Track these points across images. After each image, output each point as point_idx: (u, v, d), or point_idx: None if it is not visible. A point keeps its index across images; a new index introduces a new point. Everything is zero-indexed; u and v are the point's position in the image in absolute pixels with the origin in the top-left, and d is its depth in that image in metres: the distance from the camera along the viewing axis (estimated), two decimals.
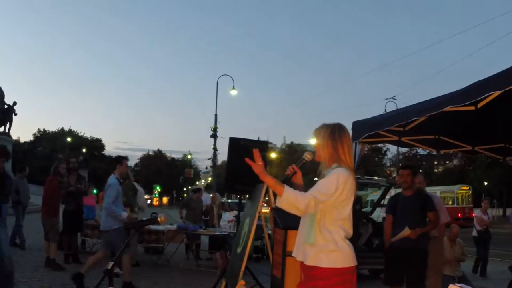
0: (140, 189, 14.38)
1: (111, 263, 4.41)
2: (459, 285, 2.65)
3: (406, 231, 7.26)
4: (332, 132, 4.02)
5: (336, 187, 3.78)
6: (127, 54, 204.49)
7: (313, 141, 4.14)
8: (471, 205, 48.33)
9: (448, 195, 48.81)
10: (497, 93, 4.86)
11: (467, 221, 46.64)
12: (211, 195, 17.11)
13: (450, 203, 47.26)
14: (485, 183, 63.52)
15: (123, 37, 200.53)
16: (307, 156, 4.09)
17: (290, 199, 3.68)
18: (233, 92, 39.93)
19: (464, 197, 48.88)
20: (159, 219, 4.90)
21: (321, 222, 3.80)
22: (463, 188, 49.79)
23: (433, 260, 8.60)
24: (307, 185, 4.13)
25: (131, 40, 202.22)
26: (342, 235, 3.82)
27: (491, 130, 8.03)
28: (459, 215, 45.16)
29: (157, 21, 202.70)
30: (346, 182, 3.83)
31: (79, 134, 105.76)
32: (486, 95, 4.98)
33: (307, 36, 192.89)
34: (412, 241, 7.24)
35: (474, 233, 14.80)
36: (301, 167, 4.07)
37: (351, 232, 3.87)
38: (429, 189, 47.74)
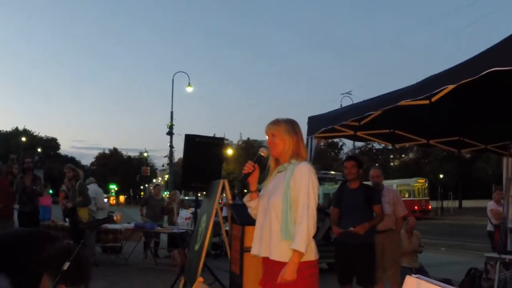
0: (98, 189, 14.27)
1: (67, 264, 4.37)
2: (416, 276, 2.66)
3: (352, 228, 7.24)
4: (294, 127, 4.04)
5: (312, 185, 3.84)
6: (81, 51, 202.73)
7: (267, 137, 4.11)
8: (427, 198, 49.01)
9: (404, 188, 49.56)
10: (451, 87, 4.91)
11: (423, 213, 47.35)
12: (170, 192, 17.04)
13: (407, 196, 47.96)
14: (441, 176, 64.29)
15: (77, 34, 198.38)
16: (264, 152, 4.07)
17: (306, 241, 3.72)
18: (189, 89, 39.84)
19: (420, 190, 49.62)
20: (114, 218, 4.88)
21: (294, 217, 3.81)
22: (419, 181, 50.54)
23: (391, 252, 8.66)
24: (262, 181, 4.13)
25: (86, 37, 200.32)
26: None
27: (446, 123, 8.13)
28: (416, 207, 45.91)
29: (112, 17, 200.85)
30: (315, 177, 3.88)
31: (34, 134, 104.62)
32: (440, 89, 5.02)
33: (263, 32, 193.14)
34: (358, 237, 7.16)
35: (490, 227, 12.90)
36: (258, 164, 4.06)
37: (315, 226, 3.87)
38: (386, 183, 48.28)
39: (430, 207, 51.26)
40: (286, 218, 3.79)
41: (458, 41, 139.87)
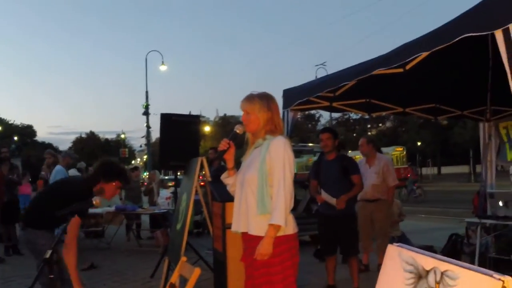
0: (77, 174, 14.20)
1: (49, 252, 4.34)
2: (398, 244, 2.67)
3: (333, 200, 7.26)
4: (268, 102, 4.03)
5: (288, 159, 3.86)
6: (56, 31, 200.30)
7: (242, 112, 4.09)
8: (406, 166, 49.27)
9: None
10: (424, 54, 4.91)
11: (402, 181, 47.60)
12: (149, 173, 17.02)
13: None
14: (419, 143, 64.73)
15: (41, 18, 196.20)
16: (239, 129, 4.06)
17: (284, 214, 3.74)
18: (163, 68, 39.74)
19: (398, 158, 49.78)
20: (94, 202, 4.84)
21: (269, 192, 3.81)
22: (397, 149, 50.60)
23: (380, 222, 8.73)
24: (239, 157, 4.12)
25: (60, 15, 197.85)
26: None
27: (421, 91, 8.15)
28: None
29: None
30: (290, 151, 3.89)
31: (9, 122, 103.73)
32: (414, 56, 5.02)
33: (236, 6, 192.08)
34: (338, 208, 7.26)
35: None
36: (233, 141, 4.04)
37: (292, 199, 3.87)
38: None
39: (409, 175, 51.58)
40: (262, 192, 3.80)
41: (433, 7, 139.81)
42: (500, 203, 8.15)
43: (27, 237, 5.43)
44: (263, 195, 3.79)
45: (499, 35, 3.92)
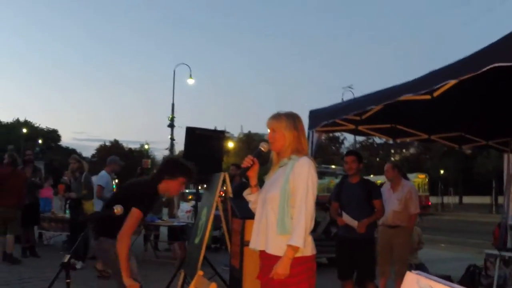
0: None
1: (67, 256, 4.36)
2: (416, 272, 2.66)
3: (354, 223, 7.25)
4: (294, 122, 4.03)
5: (311, 180, 3.85)
6: (85, 40, 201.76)
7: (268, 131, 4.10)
8: (427, 193, 48.98)
9: None
10: (452, 82, 4.91)
11: (423, 209, 47.35)
12: None
13: None
14: (441, 171, 64.37)
15: (82, 22, 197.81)
16: (264, 147, 4.07)
17: (303, 235, 3.73)
18: (190, 81, 39.90)
19: (420, 185, 49.57)
20: (115, 211, 4.86)
21: (290, 212, 3.81)
22: (419, 176, 50.43)
23: (399, 249, 8.64)
24: (263, 174, 4.13)
25: (89, 26, 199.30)
26: None
27: (447, 119, 8.12)
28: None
29: (120, 6, 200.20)
30: (314, 172, 3.89)
31: (35, 125, 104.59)
32: (442, 84, 5.02)
33: (263, 24, 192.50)
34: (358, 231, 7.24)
35: None
36: (258, 158, 4.05)
37: (313, 220, 3.88)
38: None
39: (430, 203, 51.22)
40: (283, 212, 3.79)
41: (462, 36, 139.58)
42: None
43: (100, 246, 5.43)
44: (284, 215, 3.78)
45: None
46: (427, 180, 50.67)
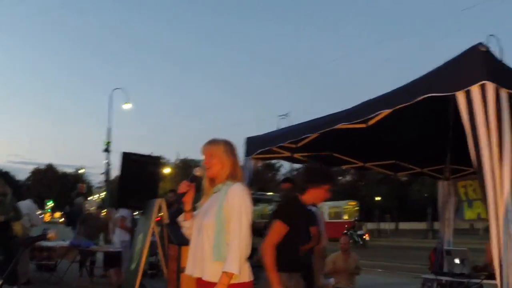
0: (33, 205, 14.02)
1: (0, 282, 4.30)
2: None
3: None
4: (232, 148, 4.07)
5: (245, 206, 3.87)
6: (16, 64, 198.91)
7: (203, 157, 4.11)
8: (358, 220, 50.13)
9: (336, 210, 51.09)
10: (386, 111, 5.00)
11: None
12: (105, 210, 16.87)
13: (338, 218, 49.56)
14: (377, 198, 65.23)
15: (7, 44, 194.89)
16: (198, 171, 4.07)
17: (238, 262, 3.73)
18: (126, 106, 39.59)
19: (351, 212, 50.77)
20: (49, 236, 4.80)
21: (226, 239, 3.82)
22: (350, 203, 52.17)
23: None
24: (197, 200, 4.13)
25: (17, 48, 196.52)
26: None
27: (382, 147, 8.24)
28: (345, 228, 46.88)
29: (51, 27, 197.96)
30: (249, 198, 3.91)
31: None
32: (377, 113, 5.11)
33: (202, 48, 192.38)
34: None
35: None
36: (193, 183, 4.05)
37: (249, 247, 3.89)
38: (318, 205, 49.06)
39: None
40: (219, 239, 3.79)
41: (396, 67, 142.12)
42: (457, 261, 8.24)
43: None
44: (220, 242, 3.79)
45: (461, 96, 4.04)
46: (357, 207, 51.87)
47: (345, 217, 50.51)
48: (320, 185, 5.39)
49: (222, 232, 3.80)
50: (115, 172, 49.51)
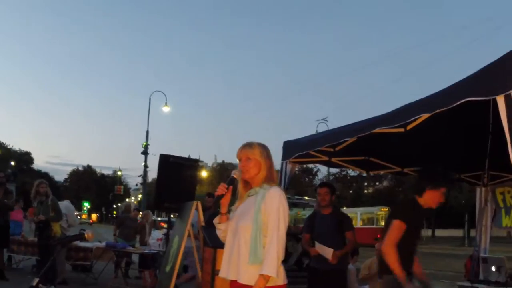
0: (70, 206, 14.17)
1: (36, 280, 4.32)
2: None
3: (329, 253, 7.22)
4: (267, 151, 4.07)
5: (283, 210, 3.86)
6: (63, 62, 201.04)
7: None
8: None
9: (368, 216, 51.13)
10: (425, 115, 4.94)
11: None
12: (142, 212, 16.96)
13: (370, 223, 50.91)
14: None
15: (51, 50, 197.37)
16: (236, 174, 4.06)
17: (275, 265, 3.73)
18: (165, 109, 39.87)
19: (383, 218, 50.66)
20: (86, 236, 4.83)
21: (263, 242, 3.80)
22: (382, 209, 52.27)
23: None
24: (232, 204, 4.11)
25: (60, 54, 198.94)
26: None
27: (420, 152, 8.16)
28: (379, 235, 46.49)
29: (90, 35, 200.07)
30: (286, 202, 3.89)
31: (8, 147, 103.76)
32: (415, 117, 5.05)
33: (241, 55, 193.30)
34: (330, 262, 7.18)
35: None
36: (231, 186, 4.05)
37: (284, 250, 3.87)
38: (353, 210, 49.00)
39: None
40: (255, 242, 3.78)
41: (437, 69, 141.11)
42: (493, 268, 8.13)
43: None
44: (257, 245, 3.77)
45: (500, 100, 3.96)
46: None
47: (378, 223, 50.38)
48: (438, 188, 5.33)
49: (259, 235, 3.78)
50: (153, 174, 49.84)
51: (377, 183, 79.82)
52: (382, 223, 49.77)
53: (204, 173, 76.49)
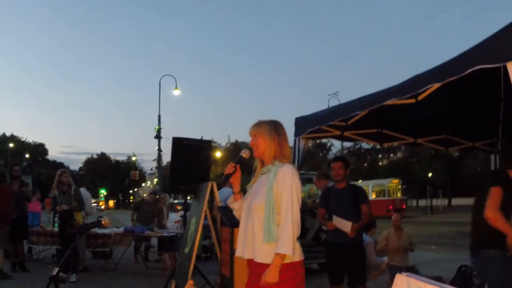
0: (87, 193, 14.23)
1: (56, 269, 4.35)
2: (406, 274, 2.67)
3: (347, 227, 7.22)
4: (276, 128, 4.05)
5: (295, 187, 3.86)
6: (68, 54, 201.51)
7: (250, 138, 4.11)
8: (402, 197, 50.15)
9: (379, 188, 51.20)
10: (437, 85, 4.92)
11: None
12: (159, 196, 16.99)
13: (382, 195, 50.71)
14: (430, 175, 64.60)
15: (65, 37, 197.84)
16: (245, 153, 4.08)
17: (291, 243, 3.73)
18: (176, 92, 39.85)
19: (394, 190, 50.68)
20: (103, 222, 4.87)
21: (276, 220, 3.82)
22: (393, 181, 52.52)
23: None
24: (246, 182, 4.12)
25: (74, 40, 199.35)
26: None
27: (433, 122, 8.14)
28: (390, 207, 46.62)
29: (102, 20, 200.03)
30: (298, 179, 3.89)
31: (22, 139, 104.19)
32: (426, 87, 5.04)
33: (253, 30, 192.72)
34: (348, 236, 7.20)
35: None
36: (239, 165, 4.06)
37: (299, 227, 3.87)
38: (363, 183, 48.96)
39: (404, 206, 52.06)
40: (269, 220, 3.79)
41: (442, 42, 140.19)
42: None
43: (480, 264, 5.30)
44: (270, 224, 3.78)
45: (510, 67, 3.93)
46: (400, 185, 51.77)
47: (389, 195, 50.50)
48: None
49: (272, 214, 3.79)
50: (167, 158, 49.98)
51: (391, 155, 79.63)
52: (393, 195, 49.98)
53: (218, 154, 76.57)
